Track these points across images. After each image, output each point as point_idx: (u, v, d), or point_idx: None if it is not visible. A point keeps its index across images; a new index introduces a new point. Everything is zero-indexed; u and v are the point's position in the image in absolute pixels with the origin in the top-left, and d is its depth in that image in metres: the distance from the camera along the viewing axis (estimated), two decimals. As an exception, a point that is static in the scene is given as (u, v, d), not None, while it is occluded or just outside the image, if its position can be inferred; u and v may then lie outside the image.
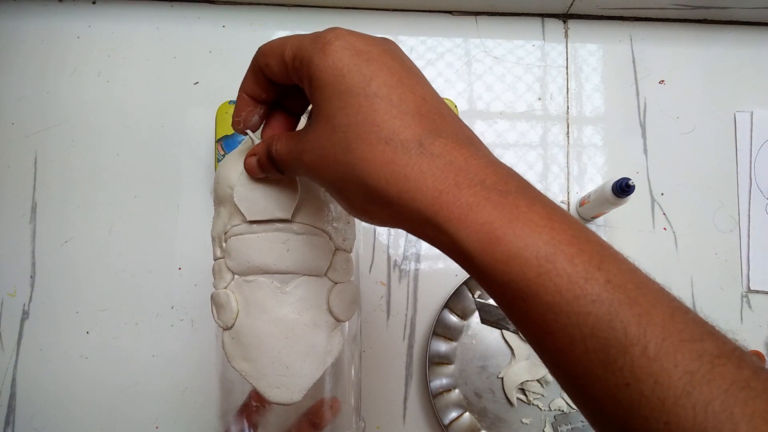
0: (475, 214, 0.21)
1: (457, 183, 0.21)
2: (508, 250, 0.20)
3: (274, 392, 0.31)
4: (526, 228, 0.20)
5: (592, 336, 0.19)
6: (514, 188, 0.21)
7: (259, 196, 0.31)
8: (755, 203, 0.59)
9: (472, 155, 0.22)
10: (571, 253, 0.20)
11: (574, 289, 0.19)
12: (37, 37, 0.60)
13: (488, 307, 0.55)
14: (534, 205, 0.21)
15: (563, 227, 0.20)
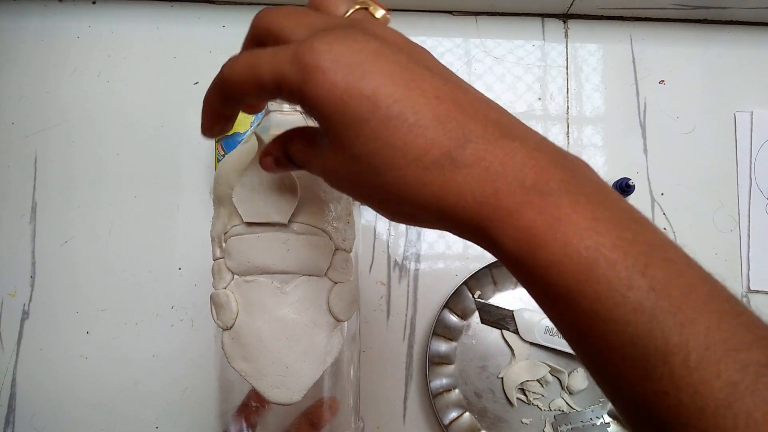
0: (516, 220, 0.20)
1: (495, 190, 0.20)
2: (549, 257, 0.19)
3: (274, 392, 0.31)
4: (567, 232, 0.19)
5: (631, 344, 0.18)
6: (557, 185, 0.20)
7: (258, 198, 0.31)
8: (755, 203, 0.59)
9: (507, 152, 0.20)
10: (614, 258, 0.19)
11: (614, 297, 0.18)
12: (37, 37, 0.60)
13: (488, 307, 0.55)
14: (578, 204, 0.20)
15: (609, 228, 0.19)
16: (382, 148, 0.20)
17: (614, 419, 0.53)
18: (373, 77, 0.20)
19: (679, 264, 0.19)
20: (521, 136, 0.21)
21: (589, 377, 0.54)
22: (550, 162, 0.21)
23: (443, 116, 0.20)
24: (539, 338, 0.53)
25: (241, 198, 0.31)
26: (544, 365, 0.54)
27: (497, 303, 0.55)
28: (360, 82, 0.20)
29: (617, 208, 0.20)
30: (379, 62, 0.21)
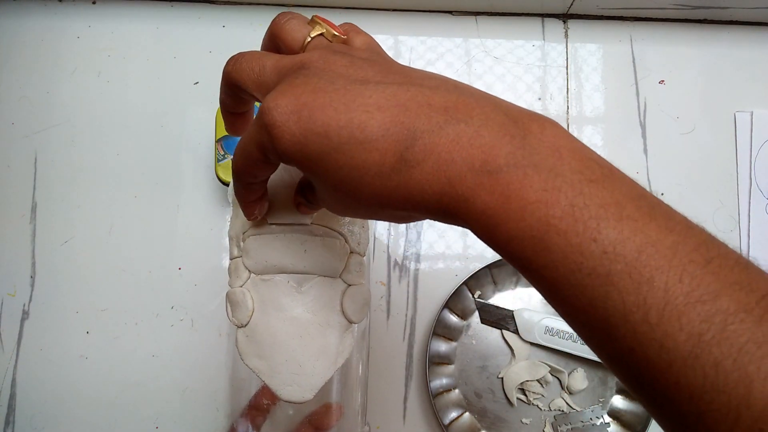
0: (472, 205, 0.20)
1: (449, 180, 0.21)
2: (506, 233, 0.20)
3: (286, 390, 0.32)
4: (518, 209, 0.20)
5: (592, 306, 0.19)
6: (504, 160, 0.20)
7: (281, 200, 0.32)
8: (755, 203, 0.59)
9: (452, 140, 0.21)
10: (564, 227, 0.19)
11: (569, 264, 0.19)
12: (37, 37, 0.60)
13: (488, 307, 0.55)
14: (526, 177, 0.20)
15: (558, 198, 0.19)
16: (348, 173, 0.22)
17: (614, 419, 0.53)
18: (317, 114, 0.22)
19: (637, 220, 0.19)
20: (466, 117, 0.21)
21: (589, 377, 0.54)
22: (498, 135, 0.21)
23: (388, 123, 0.21)
24: (539, 338, 0.53)
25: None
26: (544, 365, 0.54)
27: (497, 303, 0.55)
28: (309, 123, 0.22)
29: (570, 171, 0.20)
30: (320, 97, 0.22)
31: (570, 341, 0.53)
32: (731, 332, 0.17)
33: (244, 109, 0.30)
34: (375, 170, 0.22)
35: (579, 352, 0.53)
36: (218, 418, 0.53)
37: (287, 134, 0.22)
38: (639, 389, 0.20)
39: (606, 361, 0.21)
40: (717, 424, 0.17)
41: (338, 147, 0.22)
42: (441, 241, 0.57)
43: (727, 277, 0.18)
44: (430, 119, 0.21)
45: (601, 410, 0.53)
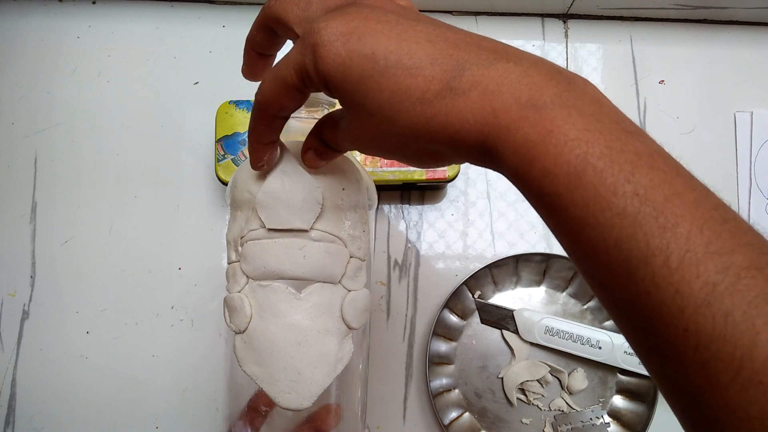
0: (513, 135, 0.21)
1: (493, 110, 0.21)
2: (543, 167, 0.20)
3: (285, 397, 0.31)
4: (558, 143, 0.20)
5: (615, 247, 0.19)
6: (550, 99, 0.21)
7: (281, 205, 0.31)
8: (755, 203, 0.59)
9: (501, 75, 0.22)
10: (601, 166, 0.20)
11: (600, 203, 0.20)
12: (37, 37, 0.60)
13: (488, 307, 0.55)
14: (569, 116, 0.21)
15: (598, 138, 0.20)
16: (388, 97, 0.23)
17: (614, 419, 0.53)
18: (368, 38, 0.23)
19: (667, 172, 0.20)
20: (515, 58, 0.23)
21: (589, 377, 0.54)
22: (545, 78, 0.22)
23: (437, 54, 0.22)
24: (539, 338, 0.53)
25: (263, 204, 0.31)
26: (544, 365, 0.54)
27: (497, 303, 0.55)
28: (357, 45, 0.22)
29: (609, 120, 0.21)
30: (371, 24, 0.23)
31: (570, 341, 0.53)
32: (743, 285, 0.18)
33: (273, 51, 0.30)
34: (417, 95, 0.22)
35: (579, 352, 0.53)
36: (218, 418, 0.53)
37: (332, 54, 0.23)
38: (645, 337, 0.20)
39: (615, 307, 0.21)
40: (719, 374, 0.18)
41: (383, 71, 0.22)
42: (441, 241, 0.57)
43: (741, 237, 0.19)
44: (479, 55, 0.22)
45: (601, 410, 0.53)
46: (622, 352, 0.52)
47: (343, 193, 0.32)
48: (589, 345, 0.53)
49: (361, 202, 0.34)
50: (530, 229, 0.58)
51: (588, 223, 0.20)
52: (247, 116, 0.54)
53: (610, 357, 0.53)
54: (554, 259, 0.54)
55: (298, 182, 0.31)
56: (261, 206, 0.31)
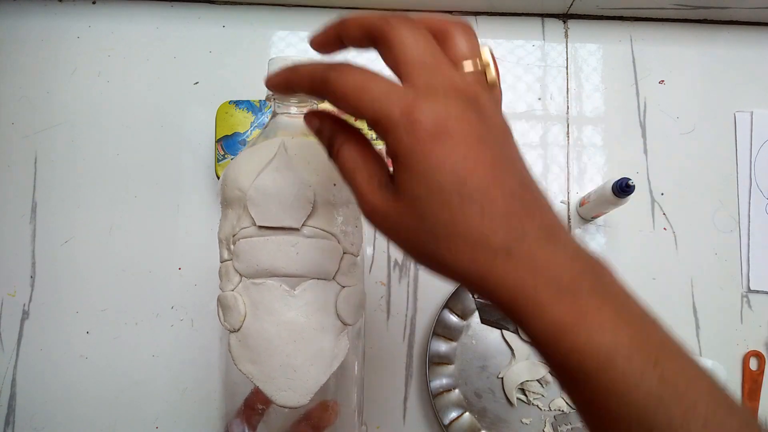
0: (547, 313, 0.23)
1: (535, 285, 0.23)
2: (573, 345, 0.22)
3: (281, 395, 0.31)
4: (591, 328, 0.22)
5: (638, 420, 0.22)
6: (588, 288, 0.23)
7: (271, 203, 0.31)
8: (755, 203, 0.59)
9: (552, 253, 0.23)
10: (630, 352, 0.22)
11: (628, 383, 0.22)
12: (37, 37, 0.60)
13: (488, 307, 0.55)
14: (604, 305, 0.23)
15: (627, 327, 0.23)
16: (449, 222, 0.23)
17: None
18: (470, 158, 0.23)
19: (683, 358, 0.23)
20: (564, 242, 0.24)
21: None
22: (583, 269, 0.24)
23: (511, 213, 0.23)
24: (539, 338, 0.53)
25: (254, 202, 0.31)
26: (544, 365, 0.54)
27: (497, 303, 0.55)
28: (456, 157, 0.23)
29: (635, 311, 0.24)
30: (479, 146, 0.23)
31: (570, 341, 0.53)
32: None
33: (353, 48, 0.28)
34: (474, 238, 0.23)
35: (579, 352, 0.53)
36: (218, 418, 0.53)
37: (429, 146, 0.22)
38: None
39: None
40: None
41: (462, 197, 0.23)
42: (441, 241, 0.57)
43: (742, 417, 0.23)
44: (540, 230, 0.24)
45: (601, 410, 0.53)
46: (622, 352, 0.52)
47: (334, 189, 0.32)
48: (589, 345, 0.53)
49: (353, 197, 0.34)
50: (530, 229, 0.58)
51: (615, 399, 0.22)
52: (247, 116, 0.54)
53: (610, 357, 0.52)
54: (554, 259, 0.54)
55: (290, 179, 0.31)
56: (252, 203, 0.31)
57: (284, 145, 0.32)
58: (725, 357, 0.55)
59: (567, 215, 0.58)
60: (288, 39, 0.61)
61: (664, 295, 0.57)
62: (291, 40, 0.61)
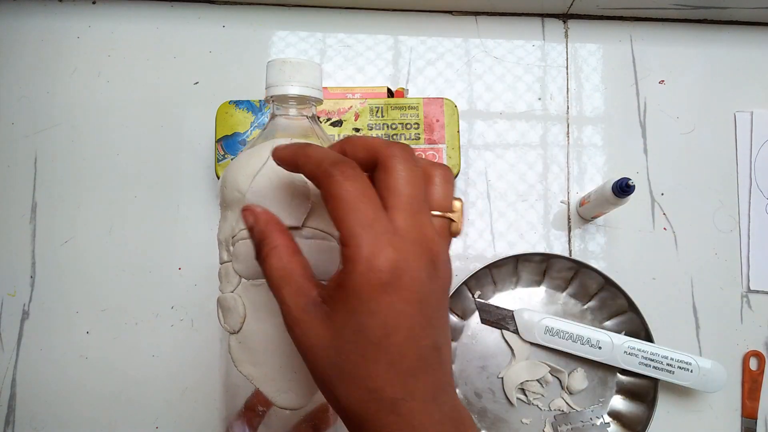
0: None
1: None
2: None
3: (282, 397, 0.31)
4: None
5: None
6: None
7: (270, 203, 0.31)
8: (755, 203, 0.59)
9: (429, 415, 0.24)
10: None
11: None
12: (37, 37, 0.60)
13: (488, 307, 0.55)
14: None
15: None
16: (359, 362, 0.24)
17: (614, 419, 0.53)
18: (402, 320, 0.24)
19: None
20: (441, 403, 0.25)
21: (589, 377, 0.54)
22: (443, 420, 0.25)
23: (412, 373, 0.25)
24: (539, 338, 0.53)
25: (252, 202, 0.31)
26: (544, 365, 0.54)
27: (497, 303, 0.55)
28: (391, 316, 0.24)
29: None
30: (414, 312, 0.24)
31: (570, 341, 0.53)
32: None
33: None
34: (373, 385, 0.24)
35: (579, 352, 0.53)
36: (218, 419, 0.53)
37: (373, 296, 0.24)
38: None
39: None
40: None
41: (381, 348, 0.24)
42: (441, 241, 0.57)
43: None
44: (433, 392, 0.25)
45: (601, 410, 0.53)
46: (622, 352, 0.52)
47: None
48: (589, 345, 0.53)
49: None
50: (530, 229, 0.58)
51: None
52: (247, 116, 0.54)
53: (610, 357, 0.53)
54: (554, 259, 0.54)
55: (287, 179, 0.31)
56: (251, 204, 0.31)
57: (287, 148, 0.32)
58: (725, 357, 0.55)
59: (567, 215, 0.58)
60: (288, 39, 0.61)
61: (664, 295, 0.57)
62: (291, 40, 0.61)
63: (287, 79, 0.32)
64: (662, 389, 0.53)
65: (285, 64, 0.32)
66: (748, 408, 0.55)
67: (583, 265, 0.54)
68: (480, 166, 0.59)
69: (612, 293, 0.54)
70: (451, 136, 0.54)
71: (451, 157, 0.53)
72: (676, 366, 0.52)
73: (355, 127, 0.54)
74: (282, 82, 0.32)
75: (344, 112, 0.54)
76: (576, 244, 0.58)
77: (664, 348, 0.52)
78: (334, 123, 0.54)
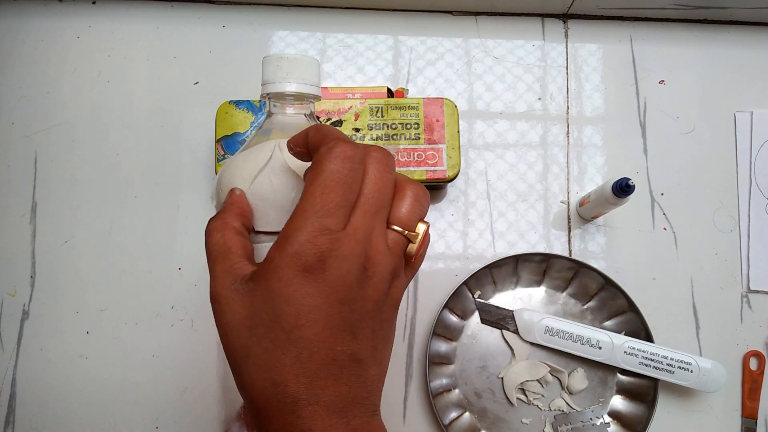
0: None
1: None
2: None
3: None
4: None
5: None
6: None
7: (269, 207, 0.30)
8: (755, 203, 0.59)
9: (330, 427, 0.24)
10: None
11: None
12: (37, 37, 0.60)
13: (488, 307, 0.55)
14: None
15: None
16: (268, 348, 0.24)
17: (614, 419, 0.53)
18: (315, 312, 0.24)
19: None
20: (350, 417, 0.25)
21: (589, 377, 0.54)
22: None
23: (320, 375, 0.24)
24: (539, 338, 0.53)
25: (251, 206, 0.31)
26: (544, 365, 0.54)
27: (497, 303, 0.55)
28: (306, 304, 0.23)
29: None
30: (332, 308, 0.24)
31: (570, 341, 0.53)
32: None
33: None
34: (277, 378, 0.24)
35: (579, 352, 0.53)
36: (217, 419, 0.53)
37: (293, 269, 0.23)
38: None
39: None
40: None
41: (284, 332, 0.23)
42: (441, 241, 0.57)
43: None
44: (334, 397, 0.24)
45: (601, 410, 0.53)
46: (622, 352, 0.52)
47: None
48: (589, 345, 0.53)
49: None
50: (530, 229, 0.58)
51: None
52: (247, 116, 0.54)
53: (610, 357, 0.53)
54: (554, 259, 0.54)
55: (287, 182, 0.30)
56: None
57: (279, 147, 0.31)
58: (725, 357, 0.55)
59: (567, 215, 0.58)
60: (288, 39, 0.61)
61: (664, 295, 0.57)
62: (291, 40, 0.61)
63: (284, 75, 0.31)
64: (662, 389, 0.53)
65: (282, 60, 0.31)
66: (748, 408, 0.55)
67: (583, 265, 0.54)
68: (480, 166, 0.59)
69: (612, 293, 0.54)
70: (451, 136, 0.54)
71: (451, 157, 0.53)
72: (676, 366, 0.52)
73: (355, 127, 0.54)
74: (279, 79, 0.31)
75: (344, 112, 0.54)
76: (576, 244, 0.58)
77: (664, 348, 0.52)
78: (334, 123, 0.54)
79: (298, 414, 0.23)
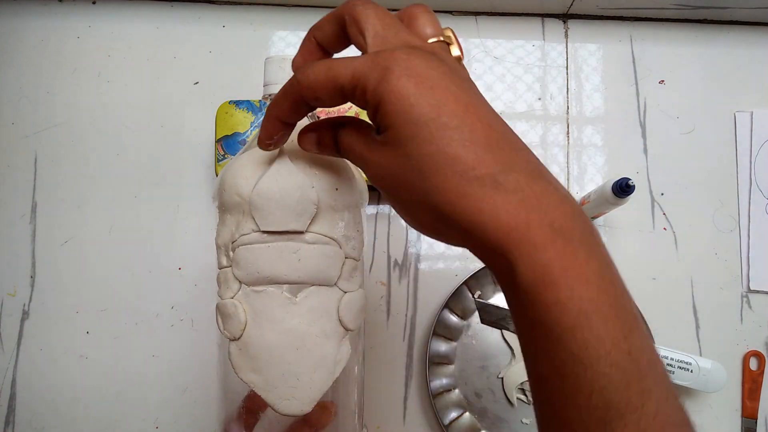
0: (539, 254, 0.21)
1: (528, 222, 0.22)
2: (556, 296, 0.21)
3: (284, 404, 0.31)
4: (578, 280, 0.21)
5: (599, 393, 0.21)
6: (579, 235, 0.22)
7: (275, 206, 0.30)
8: (755, 203, 0.59)
9: (543, 191, 0.22)
10: (608, 315, 0.21)
11: (599, 349, 0.21)
12: (37, 37, 0.60)
13: (488, 307, 0.55)
14: (591, 258, 0.22)
15: (609, 288, 0.22)
16: (434, 153, 0.22)
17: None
18: (439, 91, 0.23)
19: (647, 338, 0.22)
20: (555, 185, 0.23)
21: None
22: (576, 214, 0.23)
23: (494, 142, 0.23)
24: (539, 338, 0.53)
25: (256, 205, 0.30)
26: (544, 365, 0.54)
27: (497, 303, 0.55)
28: (428, 92, 0.23)
29: (614, 274, 0.23)
30: (446, 82, 0.23)
31: (570, 341, 0.53)
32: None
33: (333, 49, 0.30)
34: (460, 168, 0.22)
35: (579, 352, 0.53)
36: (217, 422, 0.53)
37: (401, 85, 0.23)
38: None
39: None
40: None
41: (441, 127, 0.22)
42: (441, 241, 0.57)
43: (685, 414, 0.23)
44: (527, 165, 0.23)
45: (601, 410, 0.53)
46: (622, 352, 0.52)
47: (336, 193, 0.32)
48: (589, 345, 0.53)
49: (355, 201, 0.33)
50: (530, 229, 0.58)
51: (581, 362, 0.21)
52: (247, 116, 0.54)
53: (610, 357, 0.53)
54: (554, 259, 0.54)
55: (292, 182, 0.30)
56: (255, 209, 0.30)
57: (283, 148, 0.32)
58: (725, 357, 0.55)
59: (567, 215, 0.58)
60: (288, 39, 0.61)
61: (664, 295, 0.57)
62: (291, 40, 0.61)
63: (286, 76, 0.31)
64: (662, 389, 0.53)
65: (284, 62, 0.32)
66: (748, 408, 0.55)
67: (583, 265, 0.54)
68: (480, 166, 0.59)
69: (612, 293, 0.54)
70: (451, 136, 0.54)
71: (451, 157, 0.53)
72: (676, 366, 0.52)
73: (355, 127, 0.54)
74: (281, 80, 0.31)
75: (344, 113, 0.54)
76: (576, 244, 0.58)
77: (664, 348, 0.52)
78: (334, 123, 0.54)
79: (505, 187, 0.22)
